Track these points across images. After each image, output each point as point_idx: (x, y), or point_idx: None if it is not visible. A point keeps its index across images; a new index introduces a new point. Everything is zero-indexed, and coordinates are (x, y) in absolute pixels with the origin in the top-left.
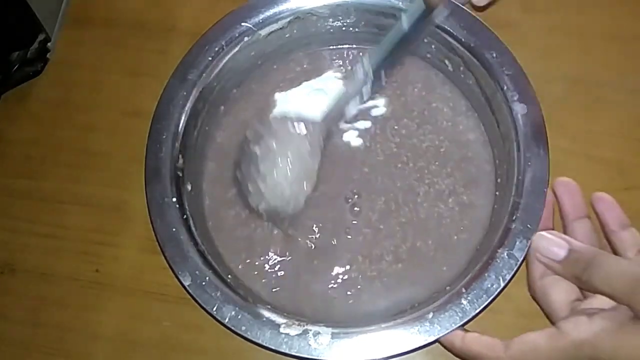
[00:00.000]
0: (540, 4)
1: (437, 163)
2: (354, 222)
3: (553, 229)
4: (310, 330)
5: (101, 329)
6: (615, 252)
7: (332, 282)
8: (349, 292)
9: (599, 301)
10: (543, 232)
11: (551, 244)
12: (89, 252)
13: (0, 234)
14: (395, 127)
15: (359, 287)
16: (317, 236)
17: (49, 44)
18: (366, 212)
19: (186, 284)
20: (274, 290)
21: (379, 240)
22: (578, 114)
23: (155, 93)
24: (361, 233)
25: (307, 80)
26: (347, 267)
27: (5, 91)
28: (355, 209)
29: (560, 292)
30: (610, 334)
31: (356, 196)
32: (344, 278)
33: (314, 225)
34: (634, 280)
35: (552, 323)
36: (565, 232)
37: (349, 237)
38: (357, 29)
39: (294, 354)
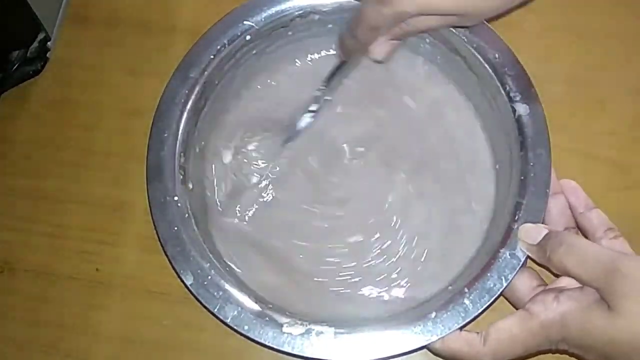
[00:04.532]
0: (540, 4)
1: (438, 163)
2: (354, 221)
3: None
4: (313, 329)
5: (101, 328)
6: (584, 233)
7: (334, 281)
8: (350, 292)
9: (565, 282)
10: (528, 223)
11: (531, 229)
12: (89, 251)
13: (1, 232)
14: (396, 127)
15: (360, 286)
16: (317, 237)
17: (49, 43)
18: (366, 212)
19: (188, 283)
20: (275, 289)
21: (380, 240)
22: (578, 113)
23: (156, 92)
24: (362, 233)
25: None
26: (349, 267)
27: (5, 90)
28: (354, 210)
29: (523, 280)
30: (577, 315)
31: (355, 196)
32: (346, 278)
33: (314, 225)
34: (607, 265)
35: (517, 309)
36: None
37: (349, 237)
38: None
39: (296, 353)
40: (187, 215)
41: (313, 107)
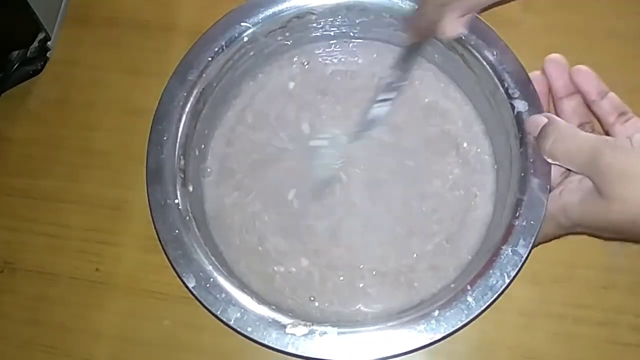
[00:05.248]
0: (540, 3)
1: (437, 161)
2: (354, 221)
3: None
4: (317, 330)
5: (101, 327)
6: (599, 121)
7: (336, 281)
8: (352, 291)
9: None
10: (535, 115)
11: (532, 120)
12: (89, 251)
13: (1, 232)
14: (395, 125)
15: (362, 285)
16: (320, 238)
17: (48, 42)
18: (367, 212)
19: (190, 286)
20: (276, 290)
21: (382, 237)
22: None
23: (156, 92)
24: (364, 231)
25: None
26: (351, 265)
27: (5, 90)
28: (356, 208)
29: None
30: (576, 206)
31: (357, 196)
32: (348, 277)
33: (317, 227)
34: (589, 156)
35: None
36: (555, 111)
37: (352, 235)
38: (356, 28)
39: (301, 354)
40: (187, 217)
41: (389, 95)
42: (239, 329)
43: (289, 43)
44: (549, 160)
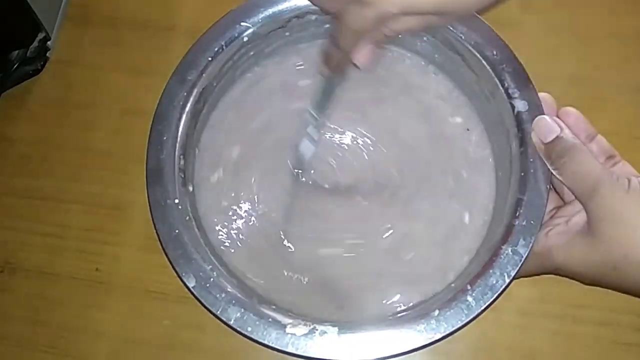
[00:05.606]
0: (540, 3)
1: (437, 160)
2: (353, 219)
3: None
4: (317, 329)
5: (101, 327)
6: None
7: (336, 280)
8: (352, 293)
9: (570, 209)
10: (545, 116)
11: (546, 125)
12: (89, 250)
13: (0, 232)
14: (394, 124)
15: (362, 286)
16: (318, 239)
17: (48, 42)
18: (367, 210)
19: (190, 286)
20: (277, 290)
21: (380, 239)
22: None
23: (156, 91)
24: (361, 232)
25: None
26: (351, 267)
27: (5, 90)
28: (357, 207)
29: None
30: (561, 248)
31: (359, 196)
32: (348, 277)
33: (315, 228)
34: (590, 187)
35: None
36: None
37: (349, 236)
38: None
39: (301, 354)
40: (187, 217)
41: (314, 136)
42: (239, 329)
43: (289, 43)
44: (554, 173)
